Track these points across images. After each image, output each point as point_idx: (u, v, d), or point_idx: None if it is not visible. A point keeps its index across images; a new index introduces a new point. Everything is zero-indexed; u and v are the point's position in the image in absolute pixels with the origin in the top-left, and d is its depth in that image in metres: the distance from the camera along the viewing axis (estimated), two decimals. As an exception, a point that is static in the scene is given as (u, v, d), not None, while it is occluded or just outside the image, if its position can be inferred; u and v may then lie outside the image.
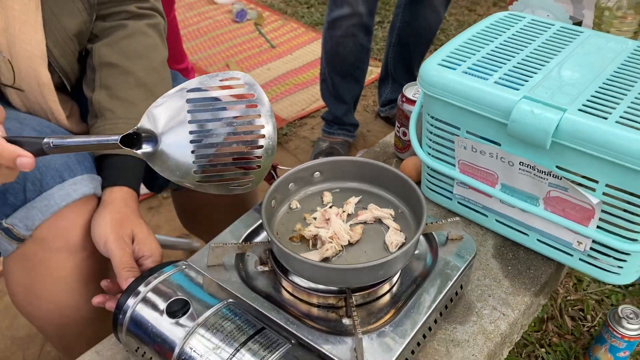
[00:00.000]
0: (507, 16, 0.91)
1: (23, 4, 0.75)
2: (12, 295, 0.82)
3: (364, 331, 0.64)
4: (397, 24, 1.84)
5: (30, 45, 0.77)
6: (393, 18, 1.87)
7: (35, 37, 0.77)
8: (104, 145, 0.59)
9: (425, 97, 0.81)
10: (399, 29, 1.83)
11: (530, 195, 0.77)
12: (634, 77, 0.75)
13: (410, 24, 1.80)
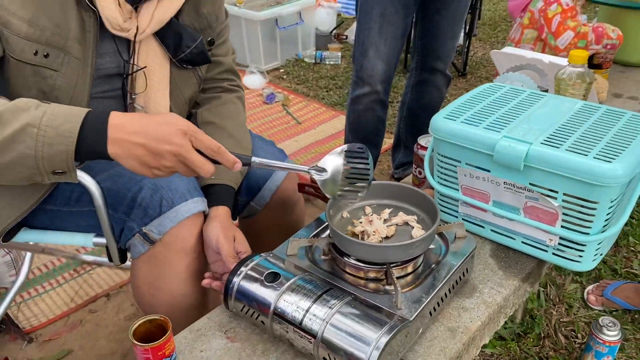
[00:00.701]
0: (492, 86, 1.27)
1: (160, 78, 1.11)
2: (136, 289, 1.11)
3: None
4: (407, 101, 2.21)
5: (160, 105, 1.12)
6: (403, 96, 2.25)
7: (164, 100, 1.12)
8: (295, 170, 0.96)
9: (435, 141, 1.15)
10: (408, 104, 2.21)
11: (513, 207, 1.09)
12: (579, 123, 1.08)
13: (417, 101, 2.17)
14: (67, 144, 0.82)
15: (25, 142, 0.82)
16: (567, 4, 1.77)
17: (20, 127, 0.82)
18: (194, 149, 0.84)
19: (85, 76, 1.03)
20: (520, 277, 1.09)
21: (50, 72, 0.99)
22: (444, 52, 1.95)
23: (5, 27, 0.93)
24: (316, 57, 3.51)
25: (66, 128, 0.82)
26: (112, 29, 1.02)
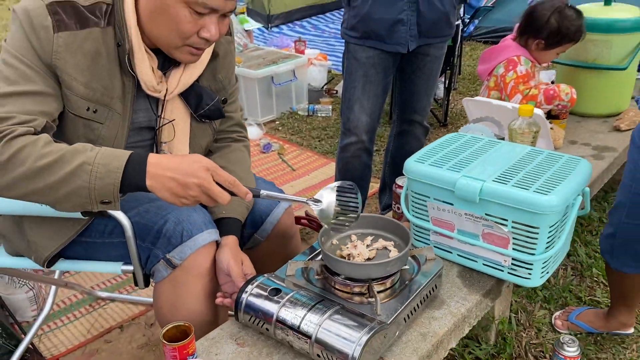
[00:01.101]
0: (456, 135, 1.51)
1: (183, 130, 1.35)
2: (158, 309, 1.31)
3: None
4: (390, 149, 2.46)
5: (181, 152, 1.35)
6: (387, 145, 2.50)
7: (185, 149, 1.36)
8: (295, 200, 1.18)
9: (409, 181, 1.38)
10: (391, 152, 2.45)
11: (474, 234, 1.31)
12: (525, 165, 1.32)
13: (399, 149, 2.41)
14: (115, 178, 1.05)
15: (82, 176, 1.05)
16: (521, 72, 2.05)
17: (78, 164, 1.05)
18: (215, 182, 1.07)
19: (123, 128, 1.27)
20: (482, 292, 1.30)
21: (97, 125, 1.23)
22: (421, 106, 2.22)
23: (68, 89, 1.17)
24: (309, 110, 3.80)
25: (114, 165, 1.05)
26: (147, 90, 1.27)
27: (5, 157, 1.05)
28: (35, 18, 1.13)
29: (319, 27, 6.13)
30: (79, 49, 1.16)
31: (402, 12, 1.92)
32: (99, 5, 1.19)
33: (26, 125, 1.10)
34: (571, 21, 2.05)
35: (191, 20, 1.16)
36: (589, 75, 2.26)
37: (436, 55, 2.10)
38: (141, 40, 1.22)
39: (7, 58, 1.15)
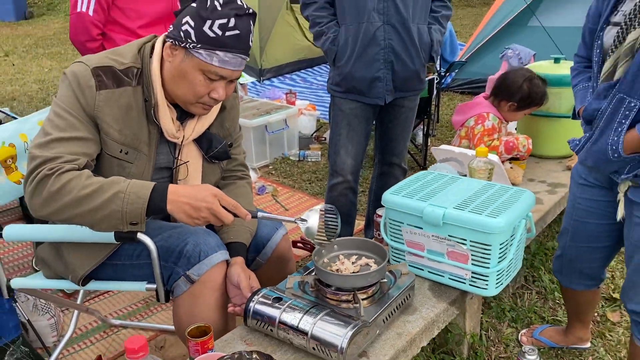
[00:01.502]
0: (425, 172, 1.81)
1: (195, 169, 1.63)
2: (177, 319, 1.55)
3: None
4: (373, 189, 2.75)
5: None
6: (370, 185, 2.78)
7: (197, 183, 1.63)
8: (286, 220, 1.45)
9: (387, 210, 1.66)
10: (374, 191, 2.74)
11: (440, 253, 1.58)
12: (480, 195, 1.61)
13: (381, 188, 2.68)
14: (142, 203, 1.33)
15: (116, 202, 1.33)
16: (487, 126, 2.38)
17: (114, 193, 1.33)
18: (221, 206, 1.35)
19: (149, 168, 1.55)
20: (448, 302, 1.57)
21: (128, 164, 1.51)
22: (399, 150, 2.53)
23: (106, 135, 1.45)
24: (299, 156, 4.11)
25: (142, 193, 1.34)
26: (168, 136, 1.55)
27: (56, 187, 1.34)
28: (82, 79, 1.43)
29: (308, 79, 6.54)
30: (115, 103, 1.46)
31: (379, 71, 2.25)
32: (131, 69, 1.50)
33: (72, 163, 1.39)
34: (539, 88, 2.41)
35: (204, 84, 1.46)
36: (545, 123, 2.59)
37: (410, 107, 2.42)
38: (164, 97, 1.52)
39: (58, 110, 1.44)
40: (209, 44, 1.41)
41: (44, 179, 1.35)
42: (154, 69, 1.50)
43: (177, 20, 1.45)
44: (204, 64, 1.42)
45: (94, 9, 1.95)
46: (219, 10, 1.40)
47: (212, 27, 1.40)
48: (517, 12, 5.11)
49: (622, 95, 1.47)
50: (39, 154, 1.39)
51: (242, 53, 1.46)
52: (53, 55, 7.92)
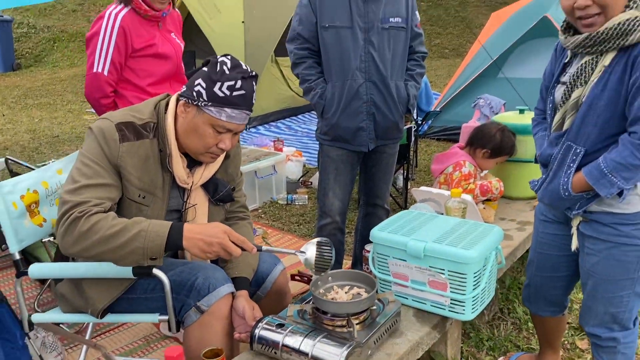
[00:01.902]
0: (407, 211, 2.03)
1: (202, 211, 1.83)
2: (187, 347, 1.71)
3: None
4: (359, 229, 2.96)
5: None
6: (356, 225, 3.00)
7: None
8: (287, 252, 1.66)
9: (374, 245, 1.87)
10: (360, 232, 2.95)
11: (422, 282, 1.79)
12: (455, 231, 1.84)
13: (366, 229, 2.90)
14: (161, 240, 1.53)
15: (139, 240, 1.52)
16: (464, 172, 2.63)
17: (137, 232, 1.53)
18: (230, 241, 1.55)
19: (162, 211, 1.75)
20: (431, 326, 1.77)
21: (145, 207, 1.71)
22: (382, 192, 2.76)
23: (127, 181, 1.66)
24: (288, 200, 4.32)
25: (161, 232, 1.54)
26: (179, 182, 1.76)
27: (86, 227, 1.53)
28: (108, 133, 1.65)
29: (292, 127, 6.83)
30: (136, 154, 1.67)
31: (362, 121, 2.50)
32: (148, 123, 1.72)
33: (99, 206, 1.58)
34: (510, 139, 2.70)
35: (213, 136, 1.69)
36: (513, 167, 2.86)
37: (391, 153, 2.67)
38: (177, 147, 1.73)
39: (85, 160, 1.65)
40: (219, 102, 1.64)
41: (75, 220, 1.55)
42: (169, 124, 1.72)
43: (189, 82, 1.69)
44: (214, 119, 1.65)
45: (109, 69, 2.18)
46: (227, 74, 1.64)
47: (221, 88, 1.63)
48: (487, 65, 5.49)
49: (570, 143, 1.73)
50: (70, 199, 1.58)
51: (247, 109, 1.69)
52: (42, 105, 8.12)
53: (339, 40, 2.42)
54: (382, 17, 2.43)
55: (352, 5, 2.40)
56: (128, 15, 2.17)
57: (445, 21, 14.12)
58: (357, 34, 2.41)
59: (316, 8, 2.43)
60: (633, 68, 1.59)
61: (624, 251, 1.73)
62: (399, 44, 2.49)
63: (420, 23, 2.65)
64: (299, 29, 2.50)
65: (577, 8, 1.62)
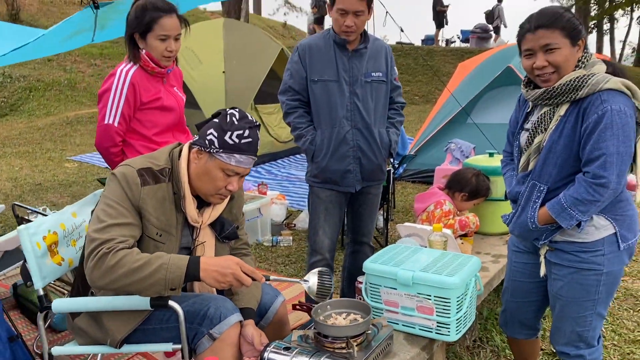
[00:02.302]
0: (395, 245, 2.25)
1: (210, 248, 2.02)
2: (200, 373, 1.87)
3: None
4: (347, 266, 3.16)
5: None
6: (343, 263, 3.20)
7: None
8: (291, 281, 1.87)
9: (367, 276, 2.08)
10: (348, 269, 3.15)
11: (411, 307, 2.00)
12: (439, 261, 2.06)
13: (353, 265, 3.11)
14: (181, 272, 1.72)
15: (161, 272, 1.71)
16: (445, 209, 2.89)
17: (159, 265, 1.71)
18: (242, 272, 1.74)
19: (175, 247, 1.93)
20: (420, 347, 1.96)
21: (161, 244, 1.89)
22: (367, 230, 2.98)
23: (147, 221, 1.84)
24: (273, 241, 4.50)
25: (181, 264, 1.73)
26: (191, 221, 1.96)
27: (113, 262, 1.71)
28: (130, 178, 1.84)
29: (272, 171, 7.06)
30: (154, 196, 1.87)
31: (349, 165, 2.75)
32: (164, 169, 1.92)
33: (123, 243, 1.76)
34: (484, 182, 2.98)
35: (223, 179, 1.90)
36: (487, 205, 3.12)
37: (375, 193, 2.92)
38: (189, 190, 1.94)
39: (109, 202, 1.83)
40: (229, 149, 1.86)
41: (103, 256, 1.72)
42: (182, 169, 1.93)
43: (201, 132, 1.91)
44: (224, 164, 1.87)
45: (119, 121, 2.38)
46: (236, 124, 1.87)
47: (231, 136, 1.86)
48: (456, 112, 5.87)
49: (534, 181, 1.99)
50: (97, 236, 1.76)
51: (253, 154, 1.92)
52: (21, 154, 8.19)
53: (327, 92, 2.69)
54: (365, 72, 2.72)
55: (338, 62, 2.69)
56: (137, 73, 2.39)
57: (415, 69, 14.79)
58: (343, 87, 2.69)
59: (306, 64, 2.70)
60: (584, 117, 1.88)
61: (585, 275, 1.98)
62: (381, 95, 2.77)
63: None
64: (290, 82, 2.76)
65: (536, 68, 1.91)
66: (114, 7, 3.29)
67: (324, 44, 2.72)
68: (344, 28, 2.60)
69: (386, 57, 2.81)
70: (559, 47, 1.87)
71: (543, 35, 1.88)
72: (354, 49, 2.70)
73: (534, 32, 1.90)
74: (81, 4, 3.42)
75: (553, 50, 1.87)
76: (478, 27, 16.88)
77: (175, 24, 2.37)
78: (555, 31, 1.87)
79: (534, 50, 1.91)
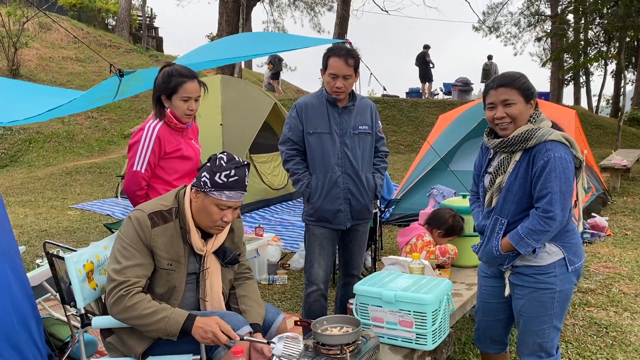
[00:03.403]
0: (380, 272, 2.64)
1: (216, 273, 2.39)
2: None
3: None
4: (339, 297, 3.52)
5: (215, 285, 2.38)
6: (336, 294, 3.55)
7: (217, 284, 2.38)
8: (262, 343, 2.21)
9: (357, 297, 2.45)
10: (340, 299, 3.50)
11: (394, 322, 2.37)
12: (417, 283, 2.45)
13: (344, 295, 3.45)
14: (178, 327, 2.11)
15: (162, 322, 2.11)
16: (425, 240, 3.30)
17: (162, 317, 2.11)
18: (221, 331, 2.09)
19: (184, 274, 2.31)
20: (402, 356, 2.32)
21: (172, 272, 2.27)
22: (357, 264, 3.36)
23: (158, 256, 2.22)
24: (269, 280, 4.84)
25: (180, 320, 2.11)
26: (197, 250, 2.33)
27: (129, 304, 2.12)
28: (142, 222, 2.22)
29: (266, 217, 7.44)
30: (164, 234, 2.25)
31: (340, 205, 3.16)
32: (172, 209, 2.31)
33: (137, 285, 2.16)
34: (459, 223, 3.41)
35: (218, 213, 2.28)
36: (461, 241, 3.53)
37: (363, 230, 3.32)
38: (193, 224, 2.31)
39: (124, 244, 2.21)
40: (219, 187, 2.23)
41: (121, 297, 2.13)
42: (187, 208, 2.31)
43: (198, 175, 2.29)
44: (217, 200, 2.24)
45: (146, 168, 2.79)
46: (224, 166, 2.24)
47: (220, 177, 2.23)
48: (436, 161, 6.35)
49: (497, 216, 2.41)
50: (116, 277, 2.15)
51: (242, 190, 2.29)
52: (25, 203, 8.51)
53: (320, 142, 3.13)
54: (353, 125, 3.18)
55: (330, 117, 3.15)
56: (162, 128, 2.82)
57: (399, 120, 15.45)
58: (335, 138, 3.13)
59: (303, 119, 3.15)
60: (533, 162, 2.31)
61: (542, 294, 2.37)
62: (367, 145, 3.22)
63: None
64: (289, 134, 3.20)
65: (496, 118, 2.36)
66: (136, 76, 3.77)
67: (317, 102, 3.19)
68: (334, 89, 3.07)
69: (371, 113, 3.28)
70: (515, 102, 2.32)
71: (503, 92, 2.33)
72: (343, 106, 3.16)
73: (496, 89, 2.35)
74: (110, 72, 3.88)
75: (510, 104, 2.32)
76: (459, 80, 17.75)
77: (196, 88, 2.82)
78: (513, 89, 2.33)
79: (495, 104, 2.36)
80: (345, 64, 3.00)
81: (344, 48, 3.08)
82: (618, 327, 3.77)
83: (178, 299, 2.30)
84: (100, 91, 3.88)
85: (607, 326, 3.79)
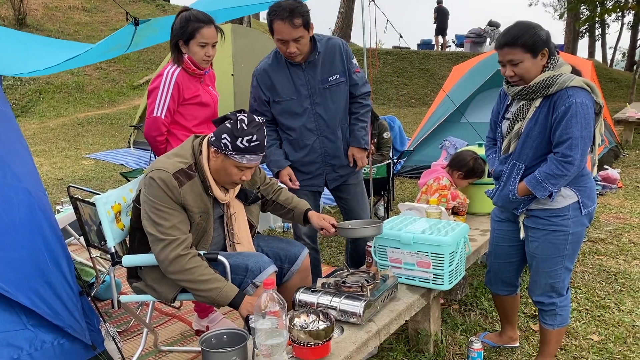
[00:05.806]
0: (398, 216, 2.71)
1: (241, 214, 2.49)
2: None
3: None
4: (349, 249, 3.56)
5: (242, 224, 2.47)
6: (346, 247, 3.61)
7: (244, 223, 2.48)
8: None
9: (376, 238, 2.53)
10: (350, 252, 3.55)
11: (412, 263, 2.45)
12: (434, 226, 2.52)
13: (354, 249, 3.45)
14: (227, 300, 2.17)
15: (214, 292, 2.17)
16: (441, 184, 3.36)
17: (216, 287, 2.17)
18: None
19: (212, 221, 2.38)
20: (419, 294, 2.42)
21: (202, 222, 2.33)
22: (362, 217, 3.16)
23: (190, 211, 2.27)
24: (284, 227, 4.95)
25: (230, 295, 2.17)
26: (220, 201, 2.40)
27: (187, 267, 2.19)
28: (169, 183, 2.24)
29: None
30: (192, 192, 2.30)
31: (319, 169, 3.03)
32: (191, 165, 2.32)
33: (190, 242, 2.23)
34: (480, 166, 3.45)
35: (238, 173, 2.32)
36: (476, 189, 3.58)
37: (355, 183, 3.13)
38: (213, 180, 2.35)
39: (157, 206, 2.23)
40: (241, 151, 2.24)
41: (179, 257, 2.19)
42: (205, 165, 2.32)
43: (217, 132, 2.27)
44: (238, 162, 2.27)
45: (165, 114, 2.82)
46: (245, 130, 2.23)
47: (242, 141, 2.23)
48: (451, 111, 6.34)
49: (515, 161, 2.45)
50: (164, 237, 2.19)
51: (262, 152, 2.30)
52: (39, 152, 8.62)
53: (289, 110, 2.90)
54: (322, 79, 2.86)
55: (294, 78, 2.85)
56: (180, 74, 2.84)
57: (411, 73, 15.28)
58: (303, 101, 2.88)
59: (264, 88, 2.92)
60: (554, 109, 2.33)
61: (555, 236, 2.43)
62: (341, 96, 2.93)
63: (388, 74, 3.37)
64: (255, 105, 3.00)
65: (507, 76, 2.37)
66: (151, 24, 3.74)
67: (277, 64, 2.88)
68: (287, 54, 2.77)
69: (341, 54, 2.89)
70: (520, 60, 2.32)
71: (508, 52, 2.33)
72: (306, 61, 2.84)
73: (501, 49, 2.35)
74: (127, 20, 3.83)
75: (517, 63, 2.32)
76: (472, 32, 17.42)
77: (213, 33, 2.81)
78: (516, 48, 2.31)
79: (503, 62, 2.37)
80: (291, 27, 2.65)
81: (287, 7, 2.65)
82: (627, 274, 3.86)
83: (208, 242, 2.39)
84: (115, 41, 3.87)
85: (616, 273, 3.88)
